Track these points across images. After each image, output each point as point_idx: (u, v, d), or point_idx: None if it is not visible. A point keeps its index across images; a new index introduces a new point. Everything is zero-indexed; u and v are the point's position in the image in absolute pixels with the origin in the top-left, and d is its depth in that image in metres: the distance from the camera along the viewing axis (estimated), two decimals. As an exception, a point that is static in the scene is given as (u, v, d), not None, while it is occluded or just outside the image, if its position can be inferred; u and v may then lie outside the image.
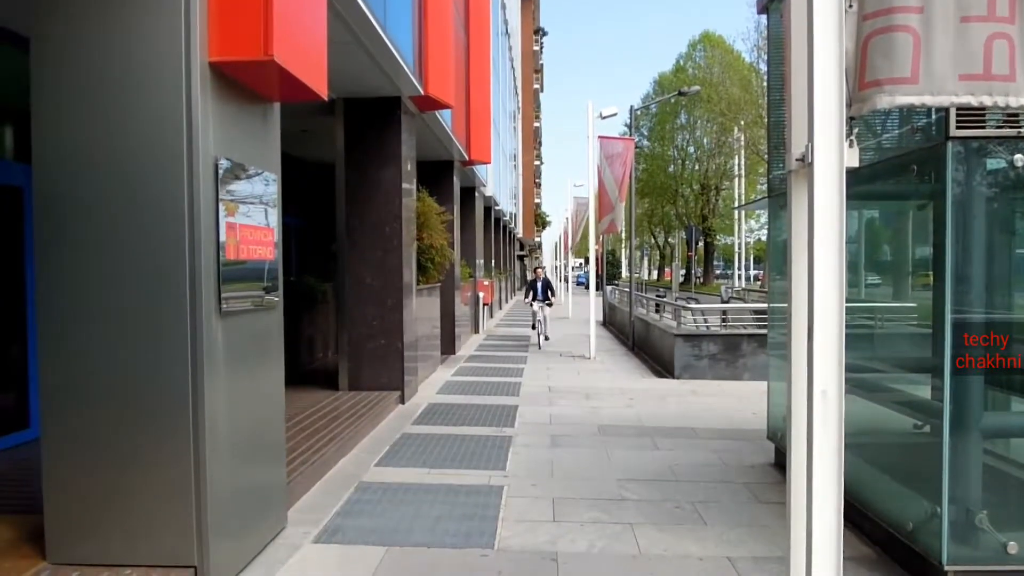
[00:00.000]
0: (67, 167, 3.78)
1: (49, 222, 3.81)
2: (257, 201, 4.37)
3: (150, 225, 3.73)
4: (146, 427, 3.76)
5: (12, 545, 4.08)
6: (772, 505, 5.29)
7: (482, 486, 5.69)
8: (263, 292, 4.44)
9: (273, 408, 4.67)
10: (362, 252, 9.05)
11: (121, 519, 3.79)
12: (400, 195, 9.12)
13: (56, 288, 3.81)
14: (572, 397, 9.75)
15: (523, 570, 4.16)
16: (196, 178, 3.73)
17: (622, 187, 15.28)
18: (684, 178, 55.20)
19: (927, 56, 2.43)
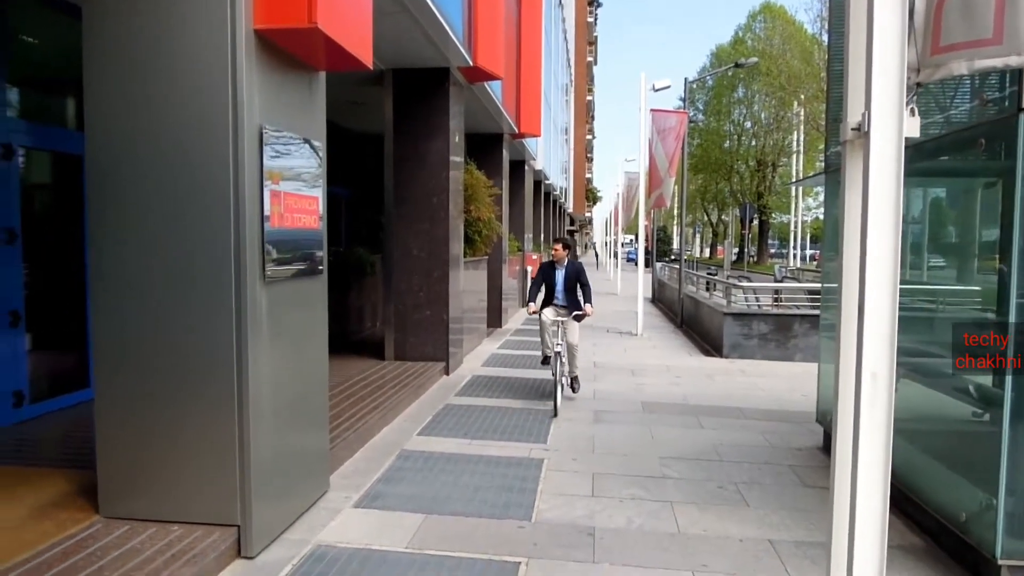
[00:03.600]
0: (117, 135, 3.84)
1: (100, 189, 3.90)
2: (302, 170, 4.39)
3: (196, 192, 3.77)
4: (192, 390, 3.84)
5: (68, 498, 4.25)
6: (818, 490, 5.16)
7: (522, 459, 5.70)
8: (307, 260, 4.47)
9: (317, 375, 4.73)
10: (409, 223, 9.08)
11: (169, 478, 3.90)
12: (447, 167, 9.09)
13: (107, 254, 3.91)
14: (617, 373, 9.67)
15: (559, 543, 4.15)
16: (241, 146, 3.75)
17: (673, 161, 14.97)
18: (740, 154, 53.87)
19: (1012, 12, 2.25)
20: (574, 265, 7.74)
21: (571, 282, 7.65)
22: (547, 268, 7.77)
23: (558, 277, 7.70)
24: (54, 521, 3.92)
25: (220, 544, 3.70)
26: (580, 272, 7.71)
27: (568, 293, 7.66)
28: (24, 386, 6.03)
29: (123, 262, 3.88)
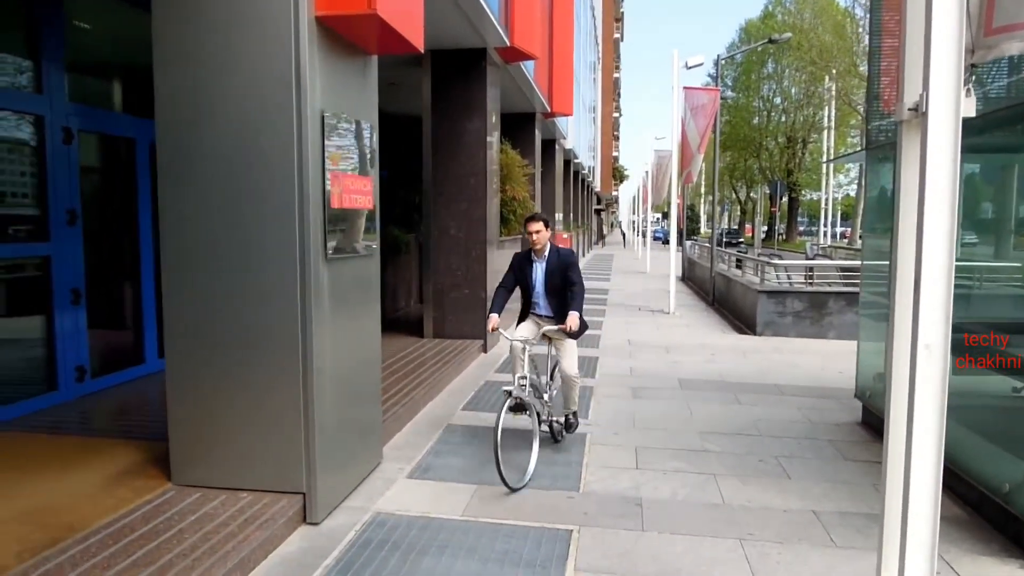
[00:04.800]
0: (186, 120, 4.00)
1: (170, 173, 4.06)
2: (357, 151, 4.54)
3: (263, 175, 3.93)
4: (259, 364, 4.03)
5: (140, 466, 4.48)
6: (859, 463, 5.25)
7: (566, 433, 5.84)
8: (363, 239, 4.63)
9: (371, 350, 4.91)
10: (447, 203, 9.21)
11: (237, 448, 4.11)
12: (485, 147, 9.20)
13: (177, 234, 4.08)
14: (652, 351, 9.77)
15: (608, 512, 4.30)
16: (304, 130, 3.90)
17: (704, 138, 14.92)
18: (769, 130, 53.07)
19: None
20: (560, 254, 5.25)
21: (555, 280, 5.20)
22: (521, 262, 5.33)
23: (536, 274, 5.27)
24: (130, 488, 4.15)
25: (288, 510, 3.90)
26: (569, 266, 5.16)
27: (552, 296, 5.26)
28: (86, 361, 6.29)
29: (193, 242, 4.05)
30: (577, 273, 5.21)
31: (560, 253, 5.30)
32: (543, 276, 5.26)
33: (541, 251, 5.26)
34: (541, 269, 5.28)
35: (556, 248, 5.33)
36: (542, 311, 5.36)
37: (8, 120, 5.72)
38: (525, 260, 5.37)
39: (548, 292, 5.28)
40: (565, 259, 5.24)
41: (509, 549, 3.78)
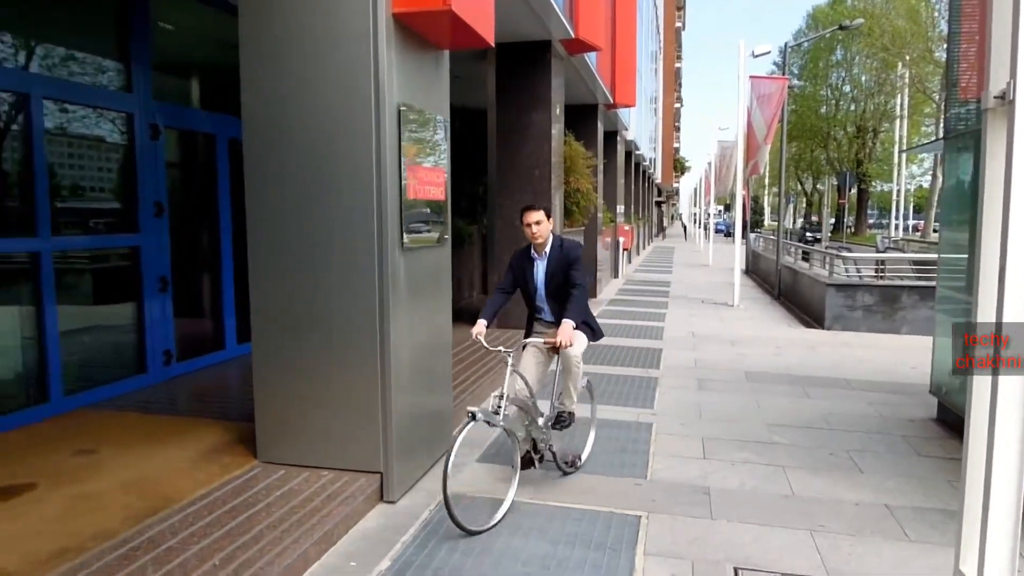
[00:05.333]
0: (271, 116, 4.20)
1: (256, 167, 4.27)
2: (431, 144, 4.67)
3: (343, 168, 4.10)
4: (340, 349, 4.21)
5: (227, 445, 4.73)
6: (933, 459, 5.15)
7: (631, 422, 5.90)
8: (436, 229, 4.77)
9: (443, 338, 5.05)
10: (511, 195, 9.32)
11: (319, 428, 4.30)
12: (549, 139, 9.27)
13: (263, 226, 4.29)
14: (717, 343, 9.70)
15: (676, 500, 4.34)
16: (383, 123, 4.05)
17: (771, 129, 14.65)
18: (837, 120, 51.47)
19: None
20: (563, 247, 4.44)
21: (558, 279, 4.44)
22: (520, 260, 4.57)
23: (537, 274, 4.50)
24: (219, 464, 4.40)
25: (367, 488, 4.07)
26: (572, 261, 4.39)
27: (553, 299, 4.50)
28: (172, 346, 6.64)
29: (277, 234, 4.25)
30: (580, 271, 4.40)
31: (564, 245, 4.45)
32: (543, 276, 4.47)
33: (542, 247, 4.45)
34: (542, 268, 4.46)
35: (560, 240, 4.50)
36: (546, 316, 4.59)
37: (102, 118, 6.07)
38: (524, 258, 4.55)
39: (551, 295, 4.48)
40: (568, 253, 4.41)
41: (579, 532, 3.87)
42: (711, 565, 3.54)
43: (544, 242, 4.44)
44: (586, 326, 4.48)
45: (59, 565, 3.12)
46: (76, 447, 4.67)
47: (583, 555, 3.60)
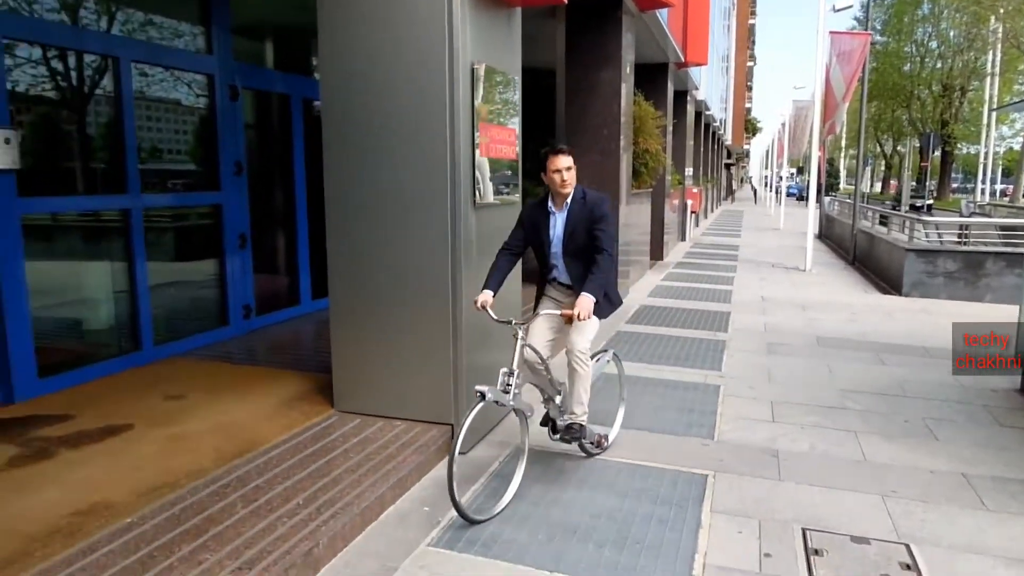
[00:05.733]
0: (347, 76, 4.28)
1: (333, 126, 4.37)
2: (503, 103, 4.68)
3: (417, 125, 4.16)
4: (413, 303, 4.32)
5: (306, 394, 4.94)
6: (1016, 430, 4.97)
7: (699, 384, 5.88)
8: (507, 187, 4.81)
9: (512, 294, 5.11)
10: (580, 155, 9.09)
11: (393, 381, 4.45)
12: (618, 98, 9.13)
13: (339, 184, 4.40)
14: (787, 307, 9.50)
15: (744, 460, 4.34)
16: (456, 82, 4.08)
17: (850, 87, 14.05)
18: (922, 78, 48.71)
19: None
20: (587, 200, 3.85)
21: (579, 238, 3.83)
22: (534, 214, 3.96)
23: (554, 229, 3.91)
24: (299, 412, 4.61)
25: (439, 439, 4.21)
26: (599, 218, 3.79)
27: (573, 259, 3.91)
28: (251, 300, 6.91)
29: (353, 191, 4.36)
30: (609, 230, 3.76)
31: (588, 198, 3.84)
32: (562, 232, 3.87)
33: (564, 199, 3.85)
34: (561, 222, 3.87)
35: (582, 191, 3.88)
36: (562, 277, 4.01)
37: (184, 80, 6.28)
38: (539, 211, 3.92)
39: (567, 254, 3.89)
40: (594, 206, 3.79)
41: (646, 487, 3.92)
42: (778, 524, 3.54)
43: (564, 193, 3.82)
44: (605, 298, 3.83)
45: (157, 499, 3.36)
46: (167, 392, 4.95)
47: (650, 509, 3.66)
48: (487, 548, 3.26)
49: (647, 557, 3.20)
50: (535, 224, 3.95)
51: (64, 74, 5.36)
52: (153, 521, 3.14)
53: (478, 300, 3.71)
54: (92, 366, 5.33)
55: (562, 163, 3.76)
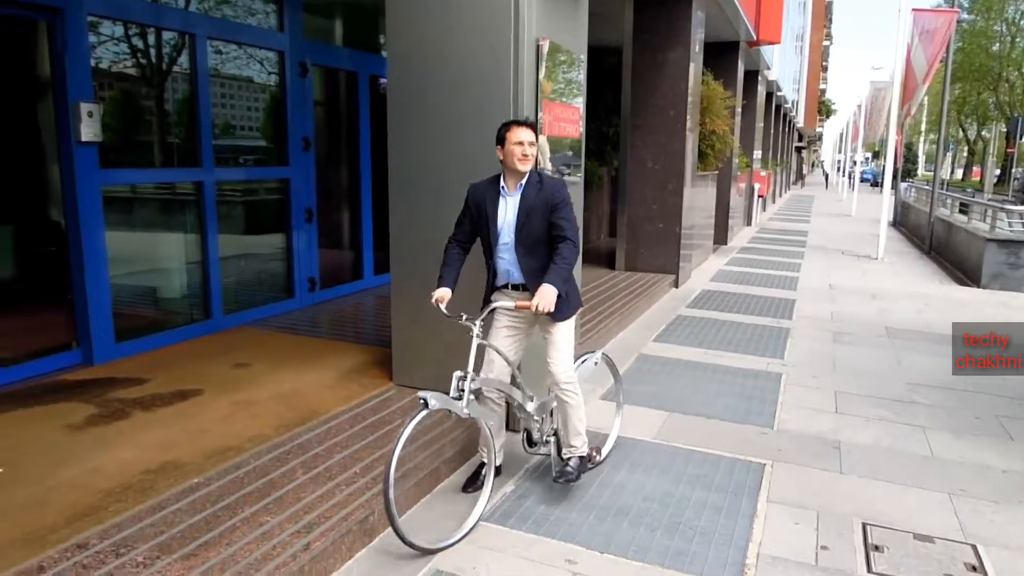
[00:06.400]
0: (413, 52, 4.30)
1: (398, 103, 4.40)
2: (568, 81, 4.64)
3: (480, 102, 4.15)
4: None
5: (366, 367, 5.05)
6: (1099, 430, 4.73)
7: (759, 371, 5.76)
8: (569, 167, 4.77)
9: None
10: (645, 135, 9.11)
11: (449, 357, 4.47)
12: (686, 77, 8.94)
13: (403, 160, 4.44)
14: (856, 296, 9.20)
15: (804, 450, 4.25)
16: (521, 59, 4.05)
17: (932, 68, 13.38)
18: (1012, 59, 46.04)
19: None
20: (543, 183, 3.36)
21: (534, 226, 3.32)
22: (482, 195, 3.43)
23: (505, 214, 3.37)
24: (359, 384, 4.71)
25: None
26: (558, 205, 3.30)
27: (526, 252, 3.35)
28: (316, 274, 7.08)
29: (416, 168, 4.40)
30: (571, 217, 3.32)
31: (544, 181, 3.36)
32: (514, 217, 3.32)
33: (519, 179, 3.34)
34: (513, 206, 3.33)
35: (538, 175, 3.38)
36: (514, 278, 3.41)
37: (256, 57, 6.42)
38: (489, 191, 3.40)
39: (521, 244, 3.32)
40: (552, 192, 3.31)
41: (701, 474, 3.88)
42: (837, 518, 3.46)
43: (519, 173, 3.32)
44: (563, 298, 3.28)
45: (223, 461, 3.49)
46: (234, 360, 5.13)
47: (704, 496, 3.62)
48: (538, 526, 3.28)
49: (699, 543, 3.17)
50: (481, 205, 3.39)
51: (143, 51, 5.55)
52: (218, 482, 3.27)
53: (435, 295, 3.32)
54: (165, 332, 5.55)
55: (524, 135, 3.28)
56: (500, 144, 3.34)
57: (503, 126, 3.36)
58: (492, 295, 3.50)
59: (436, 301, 3.31)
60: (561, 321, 3.40)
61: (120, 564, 2.60)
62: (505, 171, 3.37)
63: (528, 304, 3.15)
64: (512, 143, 3.27)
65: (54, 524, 2.88)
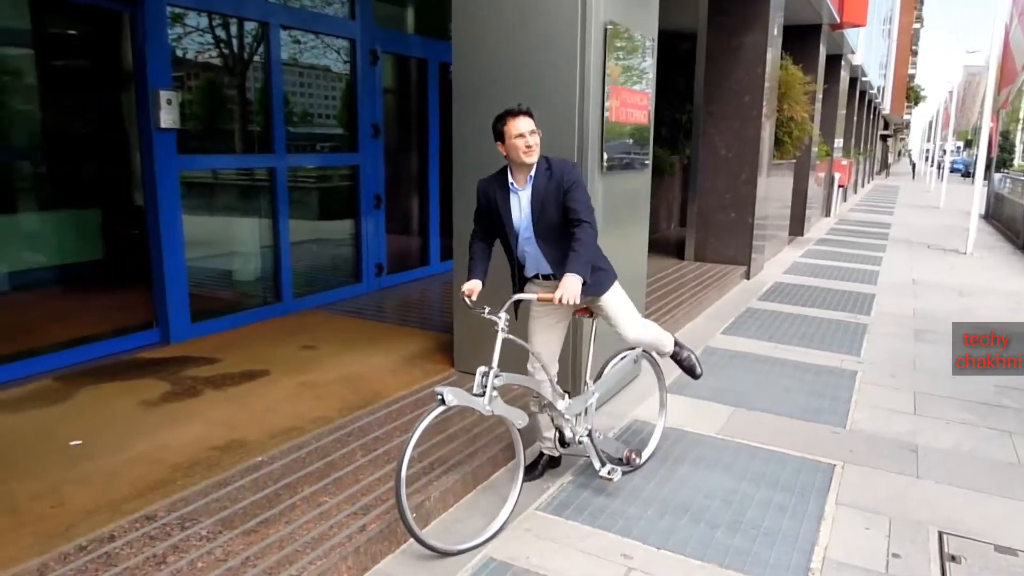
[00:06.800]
0: (479, 37, 4.27)
1: (462, 88, 4.39)
2: (636, 65, 4.53)
3: (545, 86, 4.09)
4: (534, 269, 4.30)
5: (428, 353, 5.09)
6: None
7: (833, 368, 5.54)
8: (637, 153, 4.67)
9: (638, 265, 5.00)
10: (718, 122, 8.86)
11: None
12: (763, 62, 8.63)
13: (466, 146, 4.43)
14: (941, 292, 8.74)
15: (877, 453, 4.05)
16: (588, 42, 3.97)
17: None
18: None
19: None
20: (552, 169, 3.17)
21: (551, 215, 3.16)
22: (491, 192, 3.26)
23: (519, 209, 3.22)
24: (421, 369, 4.75)
25: (553, 405, 4.20)
26: (571, 186, 3.13)
27: (548, 243, 3.22)
28: (383, 259, 7.18)
29: (479, 152, 4.35)
30: (584, 198, 3.14)
31: (553, 166, 3.17)
32: (530, 212, 3.18)
33: (527, 172, 3.15)
34: (526, 199, 3.18)
35: (546, 160, 3.18)
36: (543, 269, 3.29)
37: (328, 44, 6.53)
38: (497, 188, 3.23)
39: (540, 237, 3.20)
40: (563, 174, 3.14)
41: (766, 472, 3.75)
42: (911, 524, 3.28)
43: (526, 165, 3.13)
44: (598, 271, 3.24)
45: (286, 441, 3.57)
46: (301, 343, 5.25)
47: (768, 495, 3.49)
48: (594, 518, 3.24)
49: (761, 544, 3.06)
50: (491, 203, 3.24)
51: (219, 40, 5.71)
52: (281, 461, 3.35)
53: (464, 287, 3.18)
54: (237, 314, 5.73)
55: (524, 126, 3.04)
56: (499, 140, 3.11)
57: (497, 119, 3.10)
58: (524, 287, 3.38)
59: (465, 295, 3.16)
60: (605, 293, 3.31)
61: (185, 537, 2.69)
62: (511, 165, 3.17)
63: (551, 296, 2.98)
64: (512, 137, 3.05)
65: (126, 495, 3.01)
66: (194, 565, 2.52)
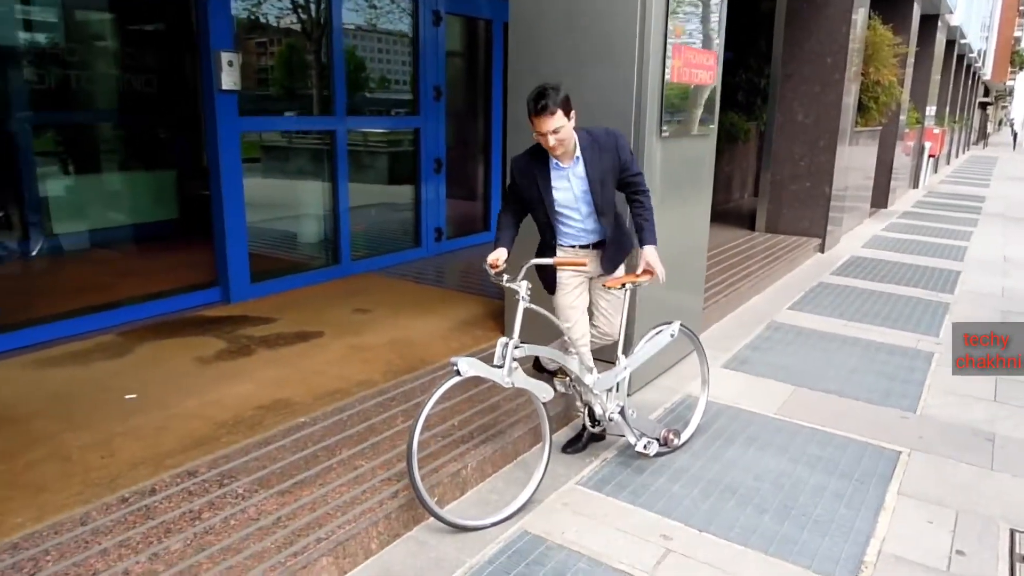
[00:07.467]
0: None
1: (519, 47, 4.23)
2: (703, 22, 4.28)
3: (603, 47, 3.89)
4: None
5: (480, 319, 5.04)
6: None
7: (907, 348, 5.22)
8: (700, 117, 4.44)
9: (697, 236, 4.79)
10: (796, 85, 8.40)
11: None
12: (848, 22, 8.09)
13: (520, 108, 4.28)
14: (1035, 271, 8.15)
15: (949, 441, 3.79)
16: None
17: None
18: None
19: None
20: (598, 143, 3.06)
21: (610, 190, 3.13)
22: (530, 169, 3.09)
23: (572, 188, 3.09)
24: (471, 336, 4.70)
25: (602, 377, 4.09)
26: (628, 160, 3.13)
27: (607, 214, 3.16)
28: (443, 224, 7.14)
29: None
30: (637, 166, 3.18)
31: (596, 136, 3.06)
32: (587, 188, 3.06)
33: (571, 152, 3.03)
34: (578, 181, 3.06)
35: (586, 133, 3.05)
36: (584, 240, 3.23)
37: (391, 6, 6.44)
38: (537, 167, 3.07)
39: (599, 212, 3.11)
40: (615, 147, 3.05)
41: (824, 456, 3.55)
42: (980, 519, 3.05)
43: (569, 143, 2.98)
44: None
45: (330, 403, 3.59)
46: (356, 306, 5.28)
47: (823, 481, 3.31)
48: (635, 496, 3.13)
49: (812, 532, 2.90)
50: (531, 181, 3.08)
51: (280, 1, 5.69)
52: (323, 423, 3.36)
53: (490, 257, 3.01)
54: (295, 276, 5.80)
55: (546, 126, 2.85)
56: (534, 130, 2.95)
57: (527, 104, 2.90)
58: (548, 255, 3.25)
59: (490, 264, 3.00)
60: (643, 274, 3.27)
61: (222, 494, 2.73)
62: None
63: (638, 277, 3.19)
64: (537, 135, 2.92)
65: (171, 450, 3.07)
66: (227, 523, 2.54)
